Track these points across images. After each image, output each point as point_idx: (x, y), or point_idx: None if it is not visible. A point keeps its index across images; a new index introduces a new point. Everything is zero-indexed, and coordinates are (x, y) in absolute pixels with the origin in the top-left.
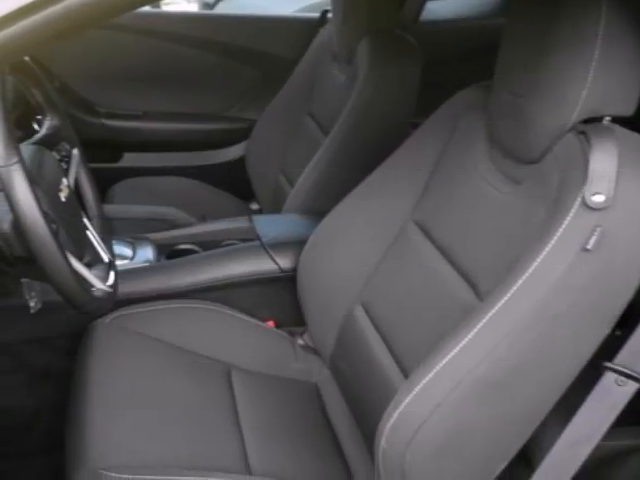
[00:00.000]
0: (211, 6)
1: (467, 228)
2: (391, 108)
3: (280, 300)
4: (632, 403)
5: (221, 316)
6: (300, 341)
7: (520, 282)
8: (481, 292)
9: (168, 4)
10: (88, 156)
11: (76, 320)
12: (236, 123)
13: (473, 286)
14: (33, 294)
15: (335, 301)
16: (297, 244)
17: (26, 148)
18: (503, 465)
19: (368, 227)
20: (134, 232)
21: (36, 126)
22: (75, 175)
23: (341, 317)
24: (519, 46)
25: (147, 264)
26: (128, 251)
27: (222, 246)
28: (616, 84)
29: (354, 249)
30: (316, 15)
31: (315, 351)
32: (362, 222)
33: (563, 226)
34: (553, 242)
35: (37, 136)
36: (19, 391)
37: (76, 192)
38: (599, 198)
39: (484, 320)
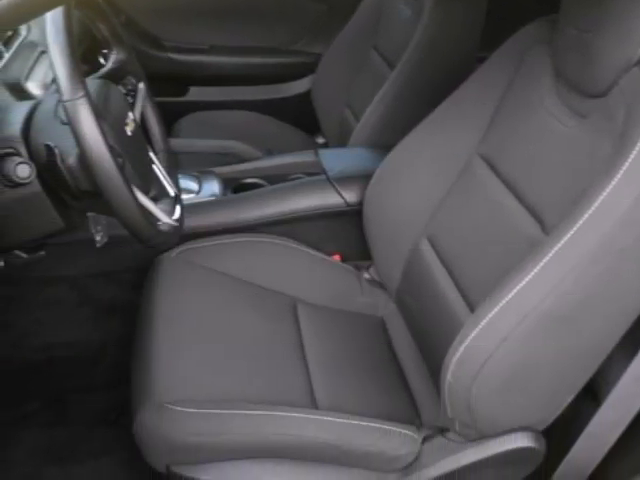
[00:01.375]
0: None
1: (533, 162)
2: (457, 42)
3: (346, 234)
4: None
5: (287, 250)
6: (366, 275)
7: (586, 216)
8: (547, 226)
9: None
10: (154, 90)
11: (142, 254)
12: (302, 57)
13: (539, 220)
14: (99, 228)
15: (401, 235)
16: (363, 178)
17: (92, 82)
18: (569, 399)
19: (434, 161)
20: (200, 166)
21: (102, 60)
22: (141, 109)
23: (407, 251)
24: None
25: (213, 198)
26: (194, 185)
27: (288, 180)
28: None
29: (420, 183)
30: None
31: (381, 285)
32: (428, 156)
33: (629, 160)
34: (619, 176)
35: (103, 70)
36: (85, 325)
37: (142, 126)
38: None
39: (550, 254)
